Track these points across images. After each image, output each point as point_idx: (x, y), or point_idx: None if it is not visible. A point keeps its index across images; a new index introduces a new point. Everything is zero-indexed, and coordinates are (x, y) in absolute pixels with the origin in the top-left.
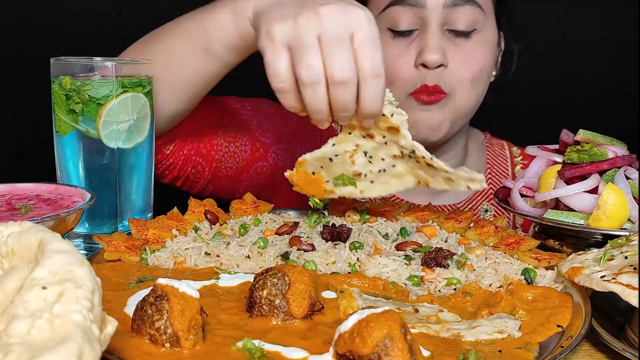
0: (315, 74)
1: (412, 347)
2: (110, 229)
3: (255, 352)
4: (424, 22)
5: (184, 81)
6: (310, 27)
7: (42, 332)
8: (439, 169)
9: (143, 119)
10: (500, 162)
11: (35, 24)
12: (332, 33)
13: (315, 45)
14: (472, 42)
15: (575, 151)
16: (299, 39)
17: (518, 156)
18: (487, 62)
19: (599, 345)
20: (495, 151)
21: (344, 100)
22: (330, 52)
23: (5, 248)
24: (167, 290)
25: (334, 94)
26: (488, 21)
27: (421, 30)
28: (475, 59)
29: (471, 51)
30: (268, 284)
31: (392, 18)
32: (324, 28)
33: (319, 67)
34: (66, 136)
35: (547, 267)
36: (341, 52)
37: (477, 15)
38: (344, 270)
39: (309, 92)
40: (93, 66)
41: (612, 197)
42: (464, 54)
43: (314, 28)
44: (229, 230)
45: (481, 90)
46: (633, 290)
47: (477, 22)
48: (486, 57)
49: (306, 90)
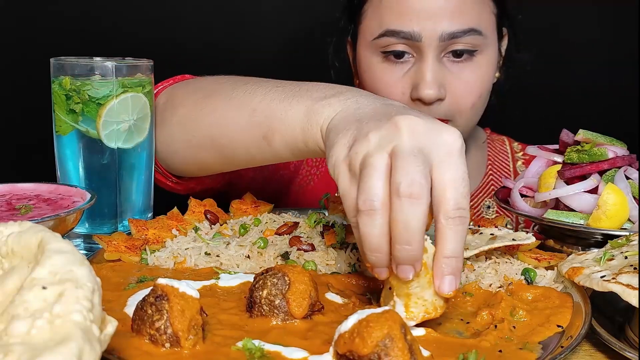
0: (377, 199)
1: (412, 347)
2: (110, 229)
3: (255, 352)
4: (419, 52)
5: (231, 154)
6: (386, 137)
7: (42, 332)
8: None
9: (143, 119)
10: (502, 158)
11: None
12: (411, 147)
13: (382, 170)
14: (472, 65)
15: (575, 151)
16: (365, 161)
17: (519, 151)
18: (487, 85)
19: (599, 345)
20: (496, 147)
21: (407, 223)
22: (401, 163)
23: (5, 248)
24: (167, 290)
25: (395, 211)
26: (488, 41)
27: (417, 59)
28: (475, 85)
29: (471, 77)
30: (268, 284)
31: (385, 44)
32: (400, 142)
33: (382, 192)
34: (66, 136)
35: (547, 267)
36: (416, 164)
37: (477, 41)
38: (344, 270)
39: (364, 220)
40: (93, 66)
41: (612, 197)
42: (464, 80)
43: (389, 141)
44: (229, 230)
45: (481, 111)
46: (633, 290)
47: (478, 45)
48: (486, 80)
49: (362, 218)
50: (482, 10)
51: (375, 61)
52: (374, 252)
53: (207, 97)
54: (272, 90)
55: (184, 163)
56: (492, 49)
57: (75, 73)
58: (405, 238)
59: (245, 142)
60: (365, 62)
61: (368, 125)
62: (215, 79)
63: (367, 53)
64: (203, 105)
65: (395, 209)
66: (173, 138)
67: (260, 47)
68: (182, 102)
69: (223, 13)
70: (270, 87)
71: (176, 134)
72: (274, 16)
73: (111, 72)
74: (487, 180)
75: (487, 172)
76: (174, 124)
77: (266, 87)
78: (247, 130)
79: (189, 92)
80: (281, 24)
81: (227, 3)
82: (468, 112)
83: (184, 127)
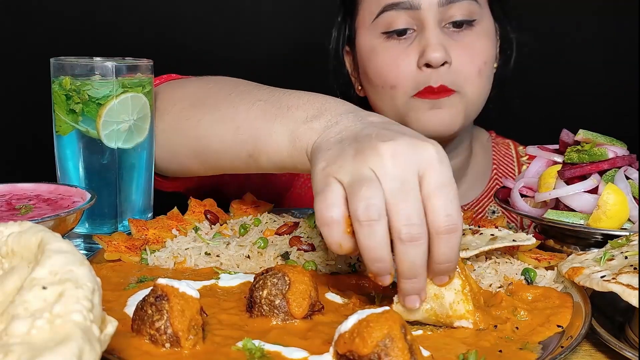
0: (376, 209)
1: (412, 347)
2: (110, 229)
3: (255, 352)
4: (420, 23)
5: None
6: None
7: (42, 332)
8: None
9: (143, 119)
10: (507, 161)
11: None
12: (396, 177)
13: (376, 180)
14: (472, 34)
15: (575, 151)
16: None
17: (524, 155)
18: (489, 53)
19: (599, 345)
20: (501, 151)
21: (412, 263)
22: (394, 202)
23: (5, 248)
24: (167, 291)
25: (399, 254)
26: (484, 12)
27: (419, 31)
28: (478, 51)
29: (473, 44)
30: (268, 284)
31: (386, 22)
32: (385, 172)
33: (378, 201)
34: (66, 136)
35: (547, 267)
36: (407, 201)
37: (473, 7)
38: (344, 270)
39: (365, 232)
40: (93, 66)
41: (612, 197)
42: (466, 47)
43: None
44: (229, 230)
45: (487, 82)
46: (633, 290)
47: (475, 13)
48: (488, 48)
49: (362, 229)
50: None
51: (377, 43)
52: (375, 263)
53: (192, 107)
54: (254, 105)
55: (169, 166)
56: (488, 22)
57: (75, 73)
58: (412, 274)
59: (231, 157)
60: (368, 48)
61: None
62: (199, 83)
63: (369, 39)
64: (189, 115)
65: (399, 252)
66: (158, 144)
67: (260, 47)
68: (167, 108)
69: (223, 13)
70: (252, 100)
71: (161, 141)
72: (274, 16)
73: (111, 72)
74: (492, 185)
75: (493, 176)
76: (159, 130)
77: (248, 99)
78: (232, 147)
79: (175, 99)
80: (281, 24)
81: (227, 3)
82: (475, 79)
83: (169, 136)
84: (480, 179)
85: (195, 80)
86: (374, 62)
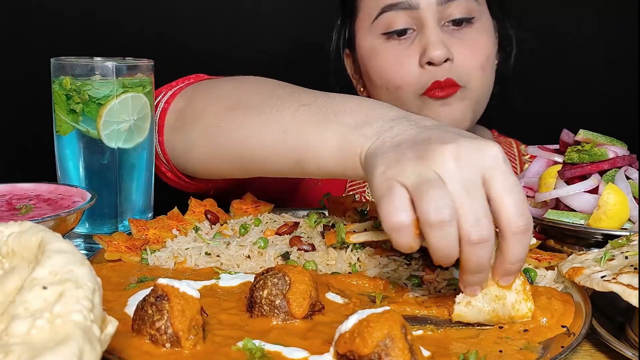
0: (447, 211)
1: (413, 347)
2: (110, 229)
3: (255, 352)
4: (420, 22)
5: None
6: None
7: (43, 332)
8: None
9: (143, 119)
10: (510, 160)
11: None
12: (461, 179)
13: (442, 182)
14: (472, 31)
15: (576, 151)
16: (420, 178)
17: (526, 154)
18: (491, 49)
19: (600, 345)
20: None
21: (479, 262)
22: (462, 204)
23: (6, 248)
24: (168, 290)
25: (467, 254)
26: (483, 9)
27: (419, 30)
28: (479, 46)
29: (474, 40)
30: (268, 284)
31: (385, 23)
32: (451, 174)
33: (449, 203)
34: (66, 136)
35: (547, 267)
36: (475, 202)
37: (472, 5)
38: (344, 270)
39: (437, 234)
40: (93, 66)
41: (613, 197)
42: (467, 44)
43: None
44: (229, 230)
45: (490, 76)
46: (633, 290)
47: (473, 10)
48: (489, 44)
49: (434, 232)
50: None
51: (378, 44)
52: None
53: (232, 109)
54: (300, 109)
55: (204, 169)
56: (487, 19)
57: (76, 73)
58: (478, 269)
59: (277, 162)
60: (369, 50)
61: (411, 152)
62: (234, 84)
63: (369, 41)
64: (230, 118)
65: (467, 252)
66: (194, 145)
67: (260, 47)
68: (204, 110)
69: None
70: (296, 104)
71: (199, 143)
72: (274, 16)
73: (111, 72)
74: None
75: None
76: (197, 132)
77: (292, 103)
78: (279, 152)
79: (212, 99)
80: (281, 24)
81: (227, 3)
82: (479, 75)
83: (209, 138)
84: None
85: (229, 80)
86: (376, 63)
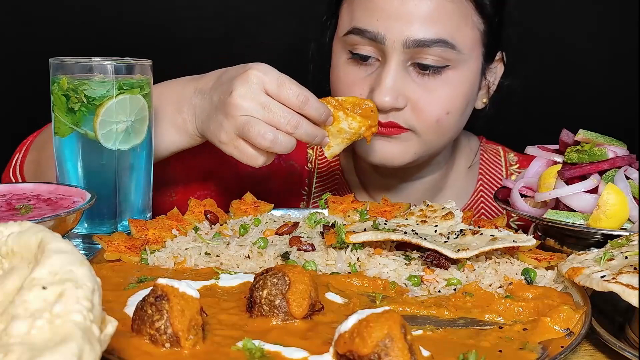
0: (270, 134)
1: (412, 347)
2: (109, 229)
3: (255, 352)
4: (384, 56)
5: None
6: (239, 114)
7: (42, 332)
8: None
9: (141, 121)
10: (495, 171)
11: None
12: (256, 105)
13: (251, 118)
14: (441, 80)
15: (575, 151)
16: (238, 127)
17: (515, 164)
18: (458, 104)
19: (599, 345)
20: (490, 158)
21: (309, 133)
22: (270, 119)
23: (5, 248)
24: (167, 290)
25: (300, 135)
26: (464, 58)
27: (381, 63)
28: (442, 100)
29: (438, 91)
30: (268, 284)
31: (352, 43)
32: (250, 108)
33: (264, 127)
34: (65, 138)
35: (547, 267)
36: (273, 110)
37: (448, 54)
38: (344, 270)
39: (276, 147)
40: (92, 66)
41: (612, 197)
42: (429, 94)
43: (243, 114)
44: (229, 230)
45: (453, 129)
46: (633, 290)
47: (449, 60)
48: (456, 98)
49: (275, 147)
50: (462, 22)
51: (342, 59)
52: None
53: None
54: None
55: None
56: (469, 68)
57: (74, 73)
58: (313, 136)
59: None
60: (335, 58)
61: (218, 114)
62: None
63: (338, 49)
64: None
65: (298, 135)
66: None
67: (260, 48)
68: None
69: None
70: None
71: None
72: (273, 17)
73: (110, 72)
74: (476, 198)
75: (477, 188)
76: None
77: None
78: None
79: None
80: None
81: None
82: (433, 127)
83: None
84: (462, 194)
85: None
86: (335, 75)
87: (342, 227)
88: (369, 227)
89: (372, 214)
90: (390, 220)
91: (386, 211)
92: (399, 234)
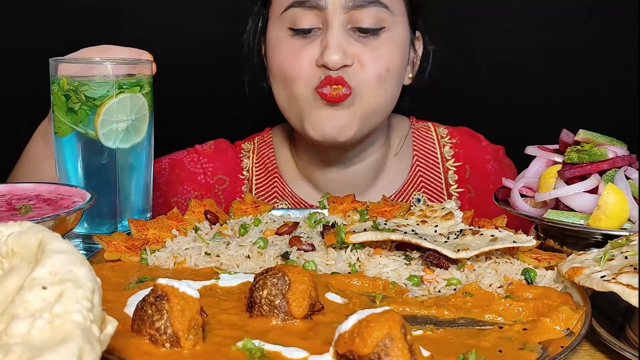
0: None
1: (412, 347)
2: (109, 229)
3: (255, 352)
4: (325, 22)
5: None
6: None
7: (42, 332)
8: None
9: (141, 120)
10: (428, 146)
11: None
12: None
13: None
14: (380, 40)
15: (575, 151)
16: None
17: (445, 136)
18: (395, 62)
19: (599, 345)
20: (422, 135)
21: None
22: None
23: (5, 248)
24: (167, 290)
25: None
26: (396, 20)
27: (323, 30)
28: (382, 57)
29: (378, 49)
30: (268, 284)
31: (292, 18)
32: None
33: None
34: (65, 137)
35: (547, 267)
36: None
37: (383, 14)
38: (344, 270)
39: None
40: (92, 66)
41: (612, 197)
42: (370, 51)
43: None
44: (229, 230)
45: (390, 90)
46: (633, 290)
47: (384, 21)
48: (394, 57)
49: None
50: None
51: (282, 37)
52: None
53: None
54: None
55: None
56: (400, 31)
57: (74, 73)
58: None
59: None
60: (274, 40)
61: None
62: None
63: (276, 31)
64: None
65: None
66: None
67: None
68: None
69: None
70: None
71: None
72: None
73: (110, 72)
74: (414, 173)
75: (414, 163)
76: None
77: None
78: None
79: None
80: None
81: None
82: (374, 84)
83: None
84: (400, 171)
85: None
86: (277, 56)
87: (342, 227)
88: (369, 227)
89: (372, 214)
90: (390, 220)
91: (386, 211)
92: (399, 234)
